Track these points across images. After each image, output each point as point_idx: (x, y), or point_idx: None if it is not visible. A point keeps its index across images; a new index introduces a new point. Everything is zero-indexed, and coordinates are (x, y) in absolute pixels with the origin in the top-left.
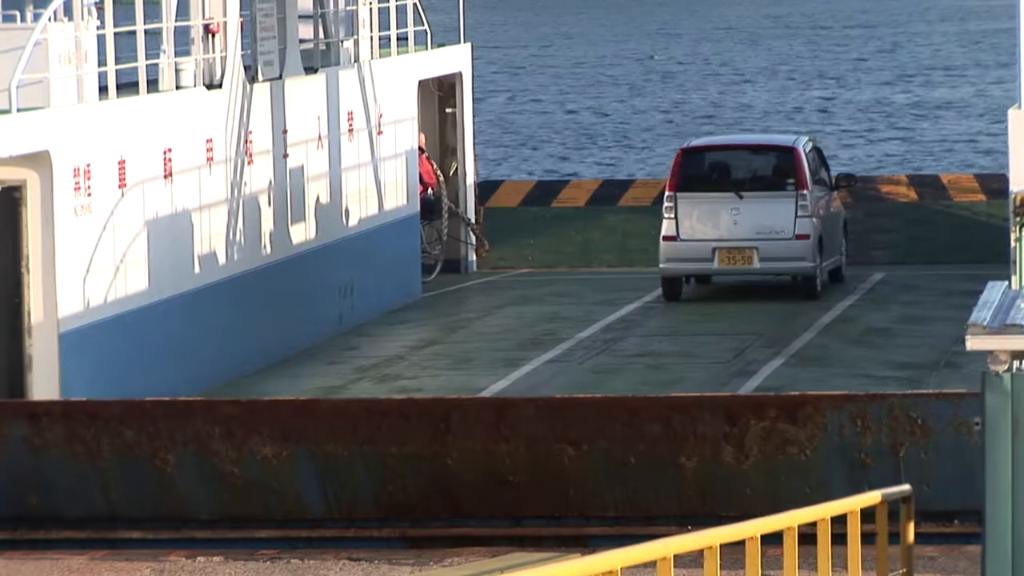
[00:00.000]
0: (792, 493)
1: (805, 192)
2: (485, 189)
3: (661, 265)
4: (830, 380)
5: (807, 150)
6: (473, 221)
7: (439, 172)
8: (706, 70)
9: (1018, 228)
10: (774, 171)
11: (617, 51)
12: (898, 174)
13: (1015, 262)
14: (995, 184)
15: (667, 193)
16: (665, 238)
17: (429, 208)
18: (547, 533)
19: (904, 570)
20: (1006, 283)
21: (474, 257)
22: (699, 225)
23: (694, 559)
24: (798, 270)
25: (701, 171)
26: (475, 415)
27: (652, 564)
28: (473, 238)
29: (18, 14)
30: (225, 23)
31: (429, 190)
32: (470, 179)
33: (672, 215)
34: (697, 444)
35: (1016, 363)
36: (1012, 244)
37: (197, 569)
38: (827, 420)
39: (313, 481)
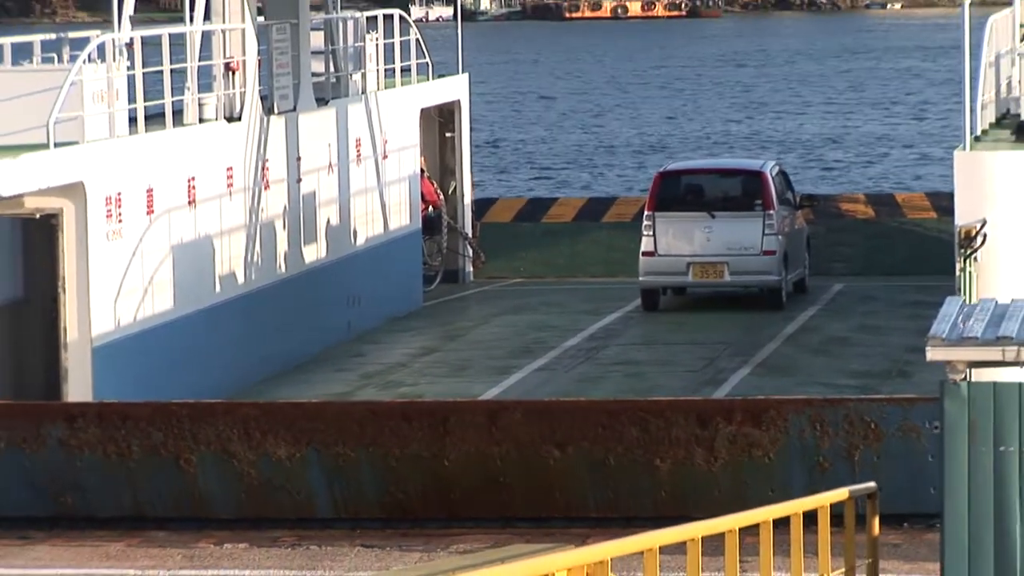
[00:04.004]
0: (757, 495)
1: (771, 212)
2: (481, 206)
3: (640, 278)
4: (792, 389)
5: (773, 174)
6: (470, 235)
7: (439, 191)
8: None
9: (963, 259)
10: (743, 193)
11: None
12: (857, 193)
13: (960, 289)
14: (945, 202)
15: (646, 212)
16: (644, 254)
17: (430, 224)
18: (535, 534)
19: (870, 559)
20: (963, 298)
21: (471, 268)
22: (675, 242)
23: (677, 548)
24: (765, 283)
25: (677, 193)
26: (470, 418)
27: (639, 554)
28: (470, 251)
29: (55, 56)
30: (244, 61)
31: (431, 208)
32: (467, 197)
33: (651, 232)
34: (671, 447)
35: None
36: (957, 273)
37: (224, 555)
38: (789, 424)
39: (322, 482)
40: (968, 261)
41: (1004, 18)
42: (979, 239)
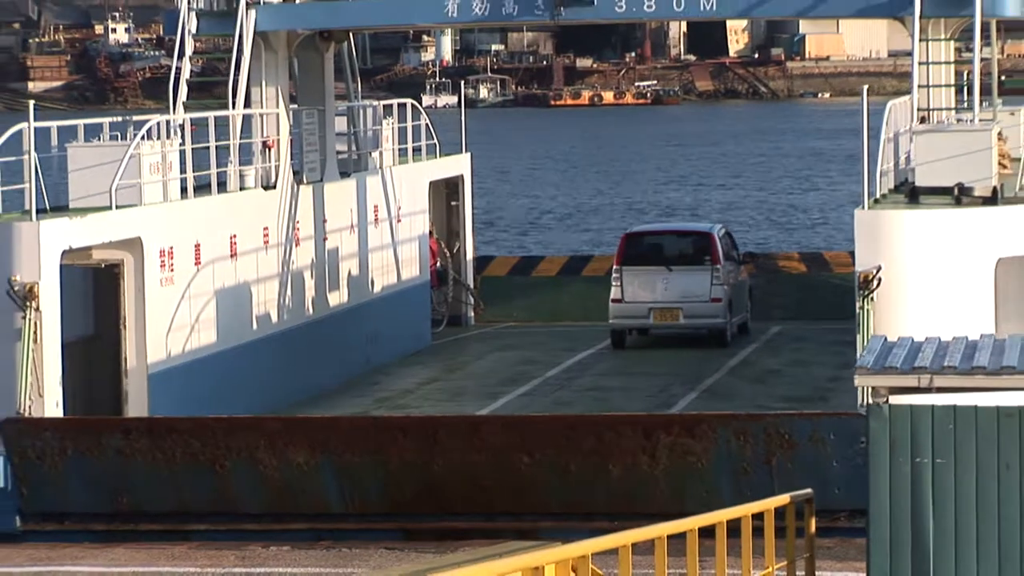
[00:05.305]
0: (693, 494)
1: (719, 266)
2: (481, 262)
3: (610, 321)
4: (730, 410)
5: (720, 235)
6: (472, 286)
7: (446, 250)
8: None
9: (862, 299)
10: (695, 250)
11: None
12: (791, 251)
13: (859, 324)
14: None
15: (614, 266)
16: (613, 300)
17: (439, 277)
18: (510, 527)
19: (808, 555)
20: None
21: (472, 314)
22: (639, 291)
23: (647, 545)
24: (713, 325)
25: (640, 250)
26: (456, 431)
27: (614, 551)
28: (472, 300)
29: (119, 135)
30: (278, 140)
31: (439, 263)
32: (470, 255)
33: (619, 283)
34: (621, 454)
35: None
36: (857, 310)
37: (271, 556)
38: (718, 435)
39: (334, 484)
40: (866, 300)
41: (902, 103)
42: (875, 282)
